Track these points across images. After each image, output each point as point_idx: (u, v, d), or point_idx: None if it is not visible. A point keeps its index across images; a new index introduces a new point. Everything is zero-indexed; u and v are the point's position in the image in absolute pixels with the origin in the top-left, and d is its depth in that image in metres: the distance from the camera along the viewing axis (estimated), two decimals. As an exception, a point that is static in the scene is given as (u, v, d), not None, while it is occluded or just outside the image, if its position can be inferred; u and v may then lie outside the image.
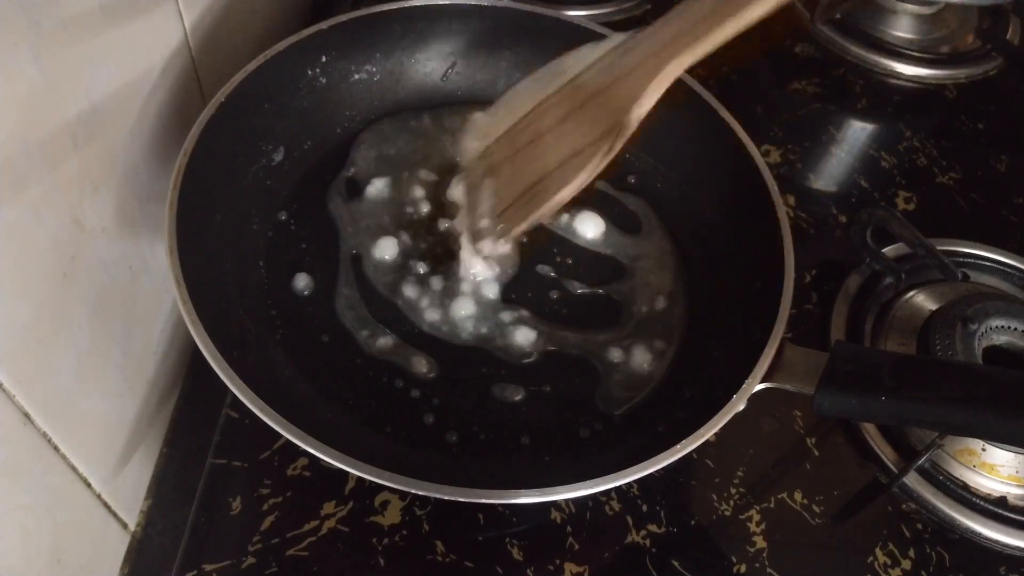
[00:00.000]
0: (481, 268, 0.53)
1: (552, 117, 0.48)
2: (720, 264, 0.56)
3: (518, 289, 0.55)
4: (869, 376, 0.44)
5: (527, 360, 0.52)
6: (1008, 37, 0.84)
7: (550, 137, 0.48)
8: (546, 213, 0.49)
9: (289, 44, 0.55)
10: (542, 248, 0.58)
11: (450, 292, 0.54)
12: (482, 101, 0.64)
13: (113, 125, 0.45)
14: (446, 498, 0.39)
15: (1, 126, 0.35)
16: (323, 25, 0.57)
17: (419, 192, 0.59)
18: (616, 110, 0.44)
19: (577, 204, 0.58)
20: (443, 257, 0.56)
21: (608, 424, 0.50)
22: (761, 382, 0.45)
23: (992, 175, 0.74)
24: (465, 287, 0.54)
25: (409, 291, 0.54)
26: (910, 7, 0.82)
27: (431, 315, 0.53)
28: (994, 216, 0.70)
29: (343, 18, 0.58)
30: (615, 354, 0.53)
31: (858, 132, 0.76)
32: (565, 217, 0.59)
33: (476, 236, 0.51)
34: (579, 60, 0.48)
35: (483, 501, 0.40)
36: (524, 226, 0.50)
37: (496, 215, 0.50)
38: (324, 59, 0.58)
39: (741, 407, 0.43)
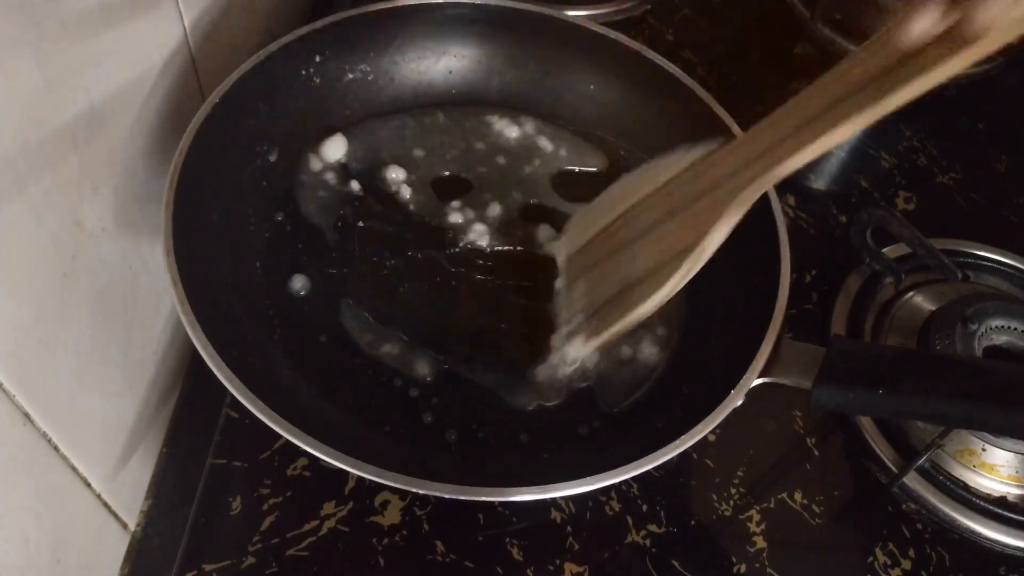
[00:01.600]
0: (575, 354, 0.49)
1: (644, 221, 0.46)
2: (717, 262, 0.56)
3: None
4: (867, 370, 0.44)
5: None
6: (1008, 37, 0.83)
7: (641, 243, 0.46)
8: (631, 323, 0.45)
9: (283, 44, 0.55)
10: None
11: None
12: (478, 101, 0.64)
13: (113, 125, 0.45)
14: (446, 496, 0.39)
15: (1, 126, 0.35)
16: (317, 24, 0.57)
17: (407, 192, 0.59)
18: (698, 228, 0.42)
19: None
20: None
21: (606, 422, 0.50)
22: (759, 377, 0.45)
23: (992, 175, 0.74)
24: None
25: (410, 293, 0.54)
26: (910, 7, 0.82)
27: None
28: (994, 216, 0.70)
29: (336, 17, 0.57)
30: (620, 351, 0.53)
31: (858, 132, 0.76)
32: None
33: (573, 332, 0.48)
34: (673, 163, 0.46)
35: (482, 499, 0.40)
36: (612, 332, 0.46)
37: (590, 314, 0.47)
38: (318, 59, 0.58)
39: (739, 402, 0.43)
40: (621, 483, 0.51)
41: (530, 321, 0.53)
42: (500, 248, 0.57)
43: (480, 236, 0.57)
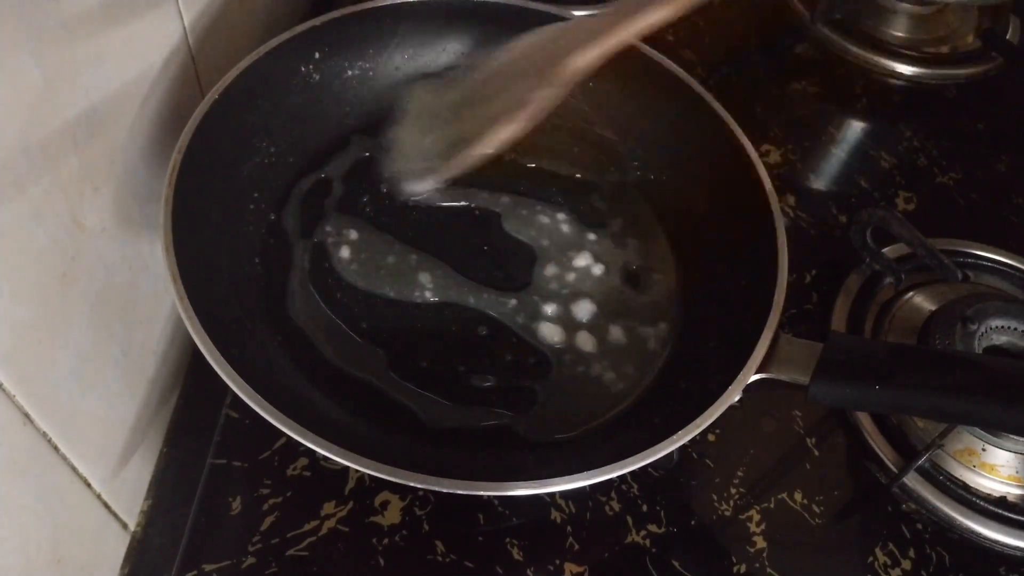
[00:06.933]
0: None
1: (500, 79, 0.50)
2: (715, 259, 0.56)
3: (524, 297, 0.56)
4: (863, 365, 0.44)
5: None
6: (1008, 37, 0.83)
7: (498, 95, 0.50)
8: (477, 153, 0.49)
9: (282, 41, 0.55)
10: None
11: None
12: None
13: (113, 125, 0.45)
14: (444, 491, 0.39)
15: (1, 126, 0.35)
16: (316, 21, 0.57)
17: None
18: (556, 63, 0.47)
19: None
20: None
21: (605, 418, 0.50)
22: (756, 373, 0.45)
23: (992, 175, 0.74)
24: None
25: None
26: (910, 7, 0.82)
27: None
28: (994, 216, 0.70)
29: (336, 14, 0.57)
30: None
31: (858, 132, 0.76)
32: None
33: (411, 175, 0.53)
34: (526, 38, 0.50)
35: (480, 493, 0.40)
36: (454, 168, 0.50)
37: (435, 156, 0.51)
38: (317, 55, 0.58)
39: (736, 397, 0.43)
40: (621, 483, 0.51)
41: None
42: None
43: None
